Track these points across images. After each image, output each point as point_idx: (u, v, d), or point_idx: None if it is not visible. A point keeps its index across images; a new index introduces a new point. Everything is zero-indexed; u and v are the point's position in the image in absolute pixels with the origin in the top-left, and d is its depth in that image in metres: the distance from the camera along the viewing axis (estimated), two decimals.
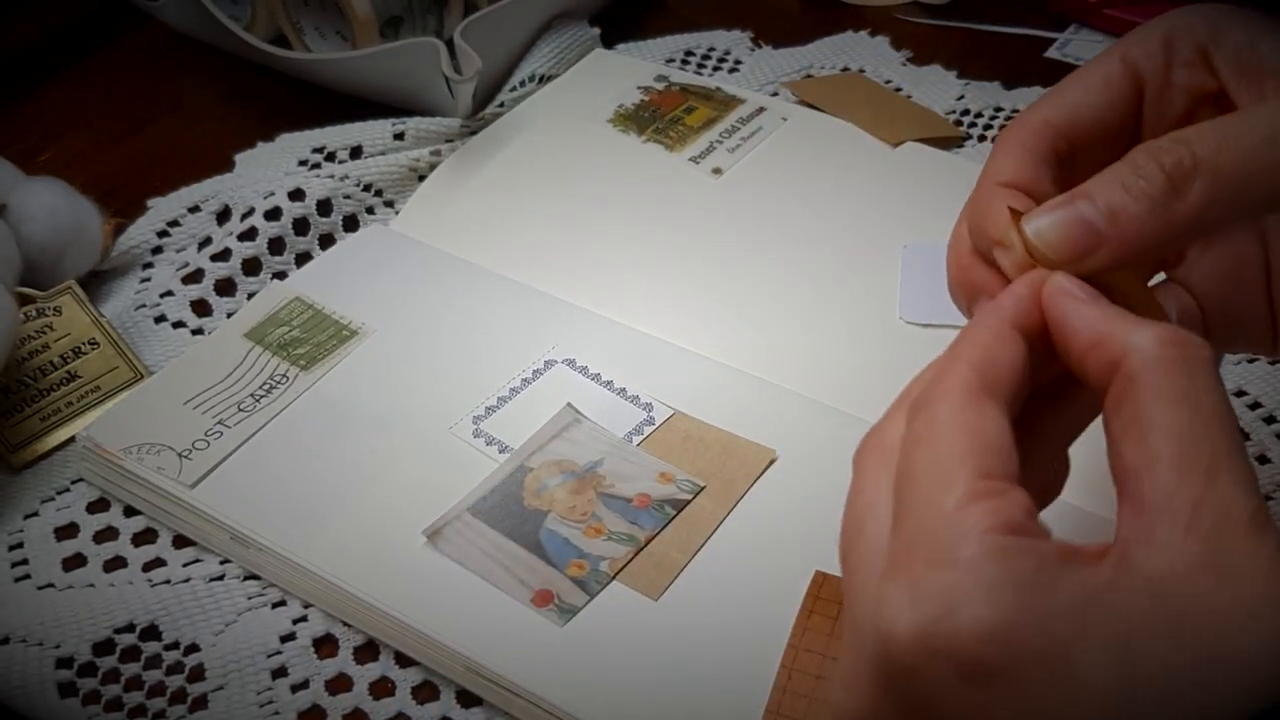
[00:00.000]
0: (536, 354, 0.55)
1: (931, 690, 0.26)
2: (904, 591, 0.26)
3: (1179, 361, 0.28)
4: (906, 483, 0.28)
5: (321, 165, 0.65)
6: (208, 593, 0.48)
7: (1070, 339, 0.30)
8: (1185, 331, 0.29)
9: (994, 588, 0.25)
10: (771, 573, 0.46)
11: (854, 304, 0.58)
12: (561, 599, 0.45)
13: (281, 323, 0.56)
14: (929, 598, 0.26)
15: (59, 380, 0.55)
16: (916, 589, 0.26)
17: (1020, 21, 0.78)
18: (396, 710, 0.45)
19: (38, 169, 0.62)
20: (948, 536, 0.26)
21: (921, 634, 0.26)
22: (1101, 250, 0.31)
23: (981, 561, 0.26)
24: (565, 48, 0.73)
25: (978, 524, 0.26)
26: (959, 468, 0.27)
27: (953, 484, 0.27)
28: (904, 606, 0.26)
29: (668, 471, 0.50)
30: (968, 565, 0.26)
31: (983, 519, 0.26)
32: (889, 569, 0.27)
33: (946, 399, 0.29)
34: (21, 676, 0.45)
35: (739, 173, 0.66)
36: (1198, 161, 0.30)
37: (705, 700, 0.43)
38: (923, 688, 0.26)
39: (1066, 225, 0.31)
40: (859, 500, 0.30)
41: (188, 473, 0.50)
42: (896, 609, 0.26)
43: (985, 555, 0.26)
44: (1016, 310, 0.31)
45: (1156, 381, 0.28)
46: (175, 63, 0.77)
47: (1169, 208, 0.30)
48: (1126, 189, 0.31)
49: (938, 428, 0.28)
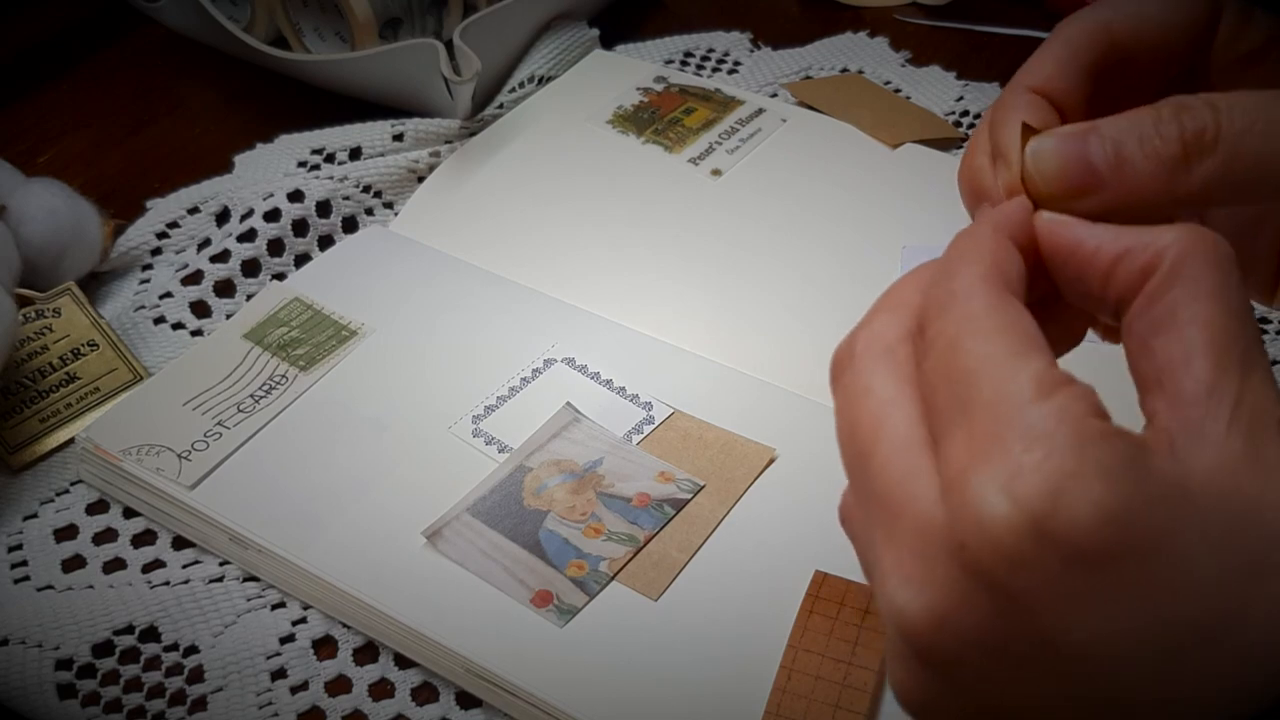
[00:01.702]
0: (536, 353, 0.55)
1: (1034, 580, 0.25)
2: (1001, 480, 0.25)
3: (1211, 256, 0.27)
4: (962, 376, 0.27)
5: (320, 166, 0.65)
6: (207, 594, 0.48)
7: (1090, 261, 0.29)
8: (1208, 230, 0.28)
9: (1107, 471, 0.24)
10: (771, 573, 0.46)
11: (854, 304, 0.58)
12: (561, 599, 0.45)
13: (281, 323, 0.56)
14: (1037, 484, 0.24)
15: (58, 381, 0.55)
16: (1018, 477, 0.24)
17: (1019, 22, 0.78)
18: (396, 712, 0.45)
19: (37, 170, 0.62)
20: (1041, 422, 0.25)
21: (1033, 520, 0.24)
22: (1094, 196, 0.29)
23: (1086, 445, 0.25)
24: (564, 49, 0.73)
25: (1070, 409, 0.25)
26: (1024, 358, 0.26)
27: (1022, 374, 0.26)
28: (1005, 495, 0.25)
29: (667, 471, 0.50)
30: (1073, 449, 0.24)
31: (1073, 404, 0.25)
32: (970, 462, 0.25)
33: (979, 294, 0.28)
34: (21, 678, 0.45)
35: (738, 174, 0.66)
36: (1219, 136, 0.29)
37: (705, 700, 0.43)
38: (1025, 578, 0.25)
39: (1067, 159, 0.30)
40: (869, 400, 0.29)
41: (187, 474, 0.50)
42: (996, 499, 0.25)
43: (1088, 439, 0.25)
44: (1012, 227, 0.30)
45: (1194, 275, 0.27)
46: (175, 64, 0.77)
47: (1175, 177, 0.29)
48: (1141, 141, 0.29)
49: (982, 322, 0.27)
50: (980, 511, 0.25)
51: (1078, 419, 0.25)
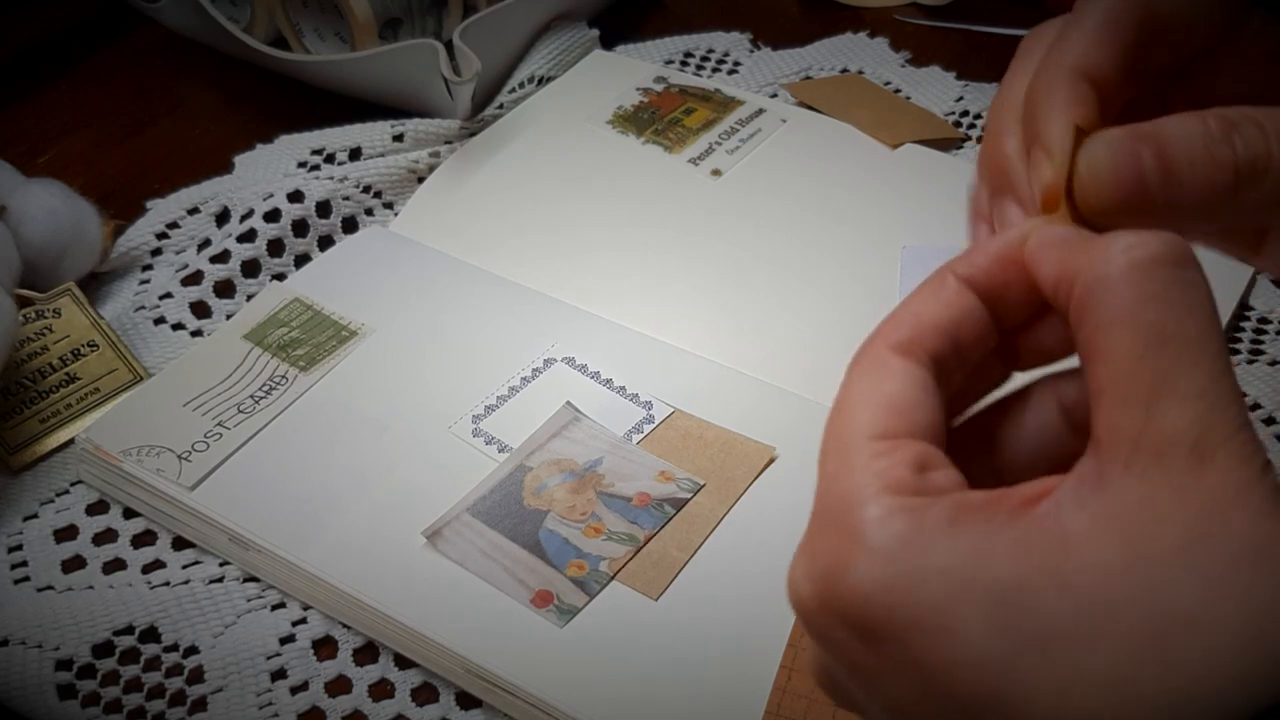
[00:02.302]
0: (535, 353, 0.55)
1: (842, 649, 0.27)
2: (804, 557, 0.27)
3: (1123, 275, 0.25)
4: (820, 455, 0.28)
5: (320, 167, 0.65)
6: (207, 595, 0.48)
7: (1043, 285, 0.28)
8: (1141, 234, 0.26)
9: (872, 551, 0.25)
10: (771, 572, 0.46)
11: (854, 305, 0.58)
12: (561, 599, 0.45)
13: (281, 324, 0.56)
14: (821, 561, 0.26)
15: (58, 382, 0.55)
16: (813, 554, 0.27)
17: (1019, 22, 0.78)
18: (396, 712, 0.45)
19: (37, 170, 0.62)
20: (838, 502, 0.27)
21: (817, 594, 0.26)
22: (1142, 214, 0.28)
23: (864, 525, 0.26)
24: (564, 49, 0.73)
25: (864, 488, 0.26)
26: (856, 434, 0.27)
27: (848, 451, 0.27)
28: (804, 570, 0.27)
29: (667, 470, 0.50)
30: (851, 530, 0.26)
31: (869, 482, 0.26)
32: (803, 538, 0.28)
33: (855, 364, 0.29)
34: (21, 678, 0.45)
35: (738, 174, 0.66)
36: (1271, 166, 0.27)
37: (705, 700, 0.43)
38: (835, 647, 0.27)
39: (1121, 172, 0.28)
40: None
41: (187, 474, 0.50)
42: (800, 573, 0.27)
43: (868, 519, 0.26)
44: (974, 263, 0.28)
45: (1099, 301, 0.26)
46: (174, 64, 0.77)
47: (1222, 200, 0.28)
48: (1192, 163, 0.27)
49: (844, 395, 0.28)
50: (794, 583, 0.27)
51: (872, 497, 0.26)
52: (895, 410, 0.27)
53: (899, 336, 0.28)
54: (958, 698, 0.25)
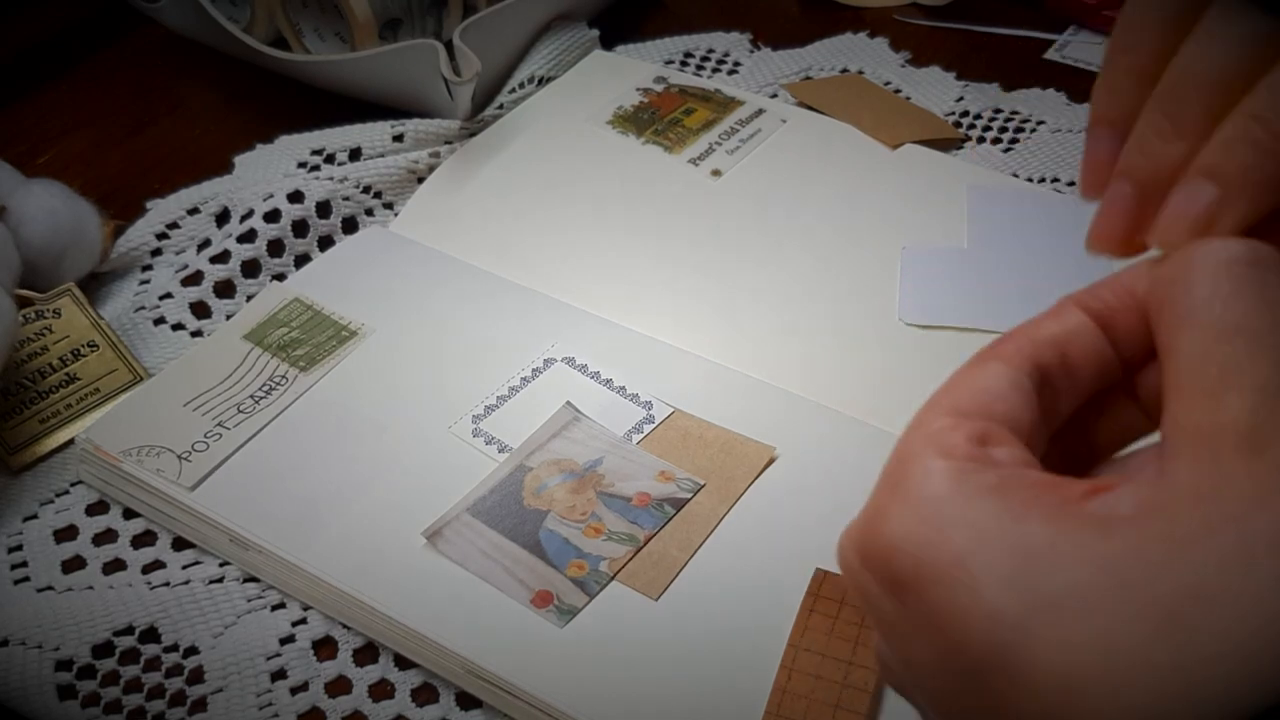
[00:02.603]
0: (535, 353, 0.55)
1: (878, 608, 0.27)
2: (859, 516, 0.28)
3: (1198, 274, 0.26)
4: None
5: (320, 167, 0.65)
6: (207, 595, 0.48)
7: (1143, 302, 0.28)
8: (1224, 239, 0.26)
9: (908, 503, 0.26)
10: (772, 571, 0.46)
11: (854, 305, 0.58)
12: (561, 599, 0.45)
13: (281, 324, 0.56)
14: (865, 515, 0.27)
15: (58, 382, 0.55)
16: (863, 510, 0.28)
17: (1019, 23, 0.78)
18: (396, 712, 0.45)
19: (37, 170, 0.62)
20: (894, 463, 0.28)
21: (855, 545, 0.27)
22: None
23: (907, 479, 0.27)
24: (564, 49, 0.73)
25: (919, 450, 0.27)
26: (931, 409, 0.28)
27: (919, 423, 0.28)
28: (852, 525, 0.28)
29: (667, 470, 0.50)
30: (895, 484, 0.27)
31: (925, 446, 0.27)
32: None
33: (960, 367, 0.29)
34: (21, 679, 0.45)
35: (738, 174, 0.66)
36: None
37: (705, 700, 0.43)
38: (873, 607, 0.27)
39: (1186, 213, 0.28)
40: None
41: (187, 475, 0.50)
42: (849, 529, 0.28)
43: (913, 474, 0.27)
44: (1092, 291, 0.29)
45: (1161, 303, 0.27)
46: (174, 64, 0.77)
47: None
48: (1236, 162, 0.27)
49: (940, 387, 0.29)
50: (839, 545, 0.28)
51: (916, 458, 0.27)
52: (974, 394, 0.28)
53: (1004, 345, 0.29)
54: (968, 653, 0.25)
